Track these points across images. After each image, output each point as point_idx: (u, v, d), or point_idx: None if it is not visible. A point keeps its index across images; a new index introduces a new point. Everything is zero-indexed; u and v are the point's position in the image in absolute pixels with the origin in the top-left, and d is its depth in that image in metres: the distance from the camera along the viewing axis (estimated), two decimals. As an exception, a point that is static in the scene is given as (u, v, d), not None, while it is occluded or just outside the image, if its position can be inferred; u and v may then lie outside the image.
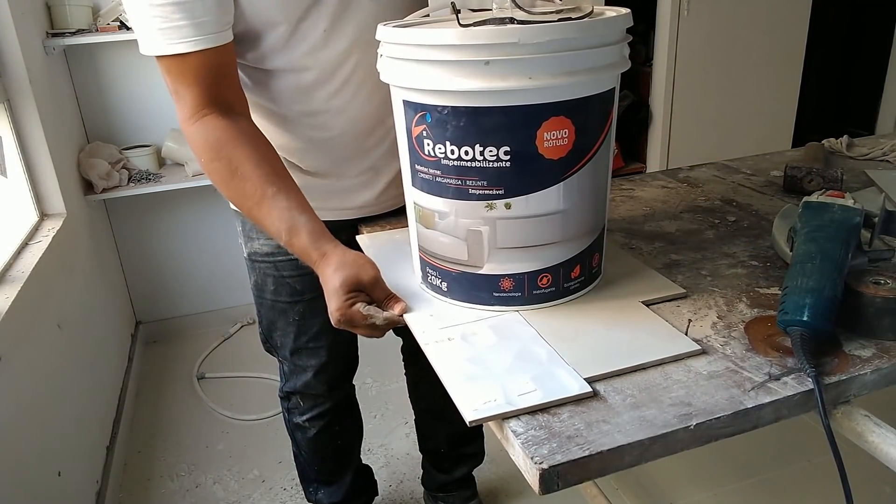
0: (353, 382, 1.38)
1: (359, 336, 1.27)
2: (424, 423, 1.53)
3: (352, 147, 1.04)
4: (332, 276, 0.81)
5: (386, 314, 0.80)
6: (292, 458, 1.47)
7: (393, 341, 1.41)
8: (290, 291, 1.16)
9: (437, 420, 1.49)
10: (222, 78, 0.88)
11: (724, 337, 0.71)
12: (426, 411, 1.51)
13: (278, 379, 1.32)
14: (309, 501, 1.49)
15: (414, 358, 1.44)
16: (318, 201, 1.04)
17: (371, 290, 0.82)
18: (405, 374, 1.50)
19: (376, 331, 0.81)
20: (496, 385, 0.64)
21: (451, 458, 1.54)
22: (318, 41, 0.93)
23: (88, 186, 2.10)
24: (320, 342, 1.21)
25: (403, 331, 1.37)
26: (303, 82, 0.96)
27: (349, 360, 1.31)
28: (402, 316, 0.80)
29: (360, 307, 0.79)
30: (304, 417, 1.31)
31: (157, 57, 0.85)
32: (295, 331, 1.20)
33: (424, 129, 0.72)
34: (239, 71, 0.94)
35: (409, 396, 1.53)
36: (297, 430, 1.36)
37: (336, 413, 1.33)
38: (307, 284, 1.14)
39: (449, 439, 1.50)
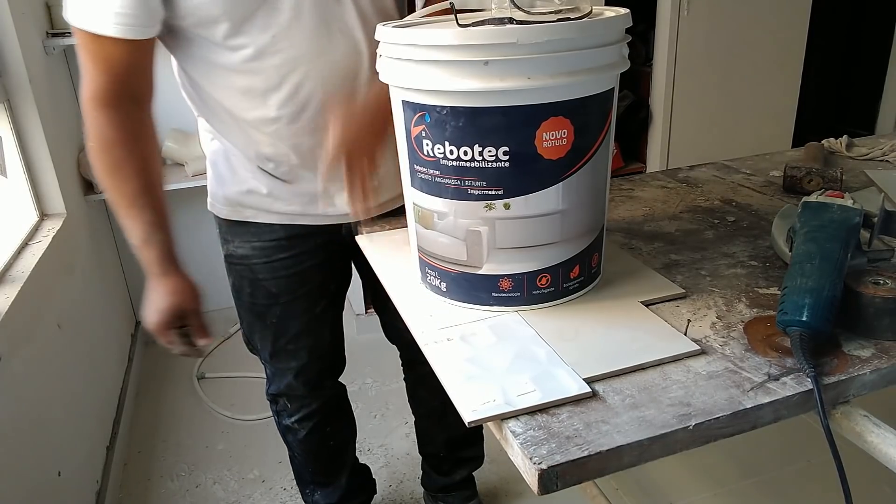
0: (344, 383, 1.38)
1: (345, 338, 1.29)
2: (423, 427, 1.53)
3: (311, 156, 1.01)
4: (162, 298, 0.97)
5: (179, 350, 1.01)
6: (290, 460, 1.48)
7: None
8: (265, 294, 1.16)
9: (435, 425, 1.49)
10: (135, 71, 0.90)
11: (723, 337, 0.71)
12: (425, 416, 1.51)
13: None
14: (306, 503, 1.49)
15: (411, 365, 1.44)
16: (286, 204, 1.06)
17: (189, 318, 0.99)
18: (404, 379, 1.50)
19: (174, 352, 1.02)
20: (495, 385, 0.64)
21: (450, 462, 1.54)
22: (264, 47, 0.90)
23: (88, 186, 2.10)
24: (299, 343, 1.21)
25: (399, 339, 1.38)
26: (255, 87, 0.94)
27: (332, 361, 1.30)
28: (200, 348, 1.02)
29: (171, 334, 0.99)
30: (293, 419, 1.31)
31: (76, 28, 0.87)
32: (273, 333, 1.19)
33: (423, 130, 0.72)
34: (211, 72, 0.94)
35: (409, 401, 1.53)
36: (287, 433, 1.35)
37: (325, 414, 1.32)
38: (283, 287, 1.14)
39: (448, 443, 1.50)
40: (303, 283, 1.15)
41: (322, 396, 1.31)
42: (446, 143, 0.71)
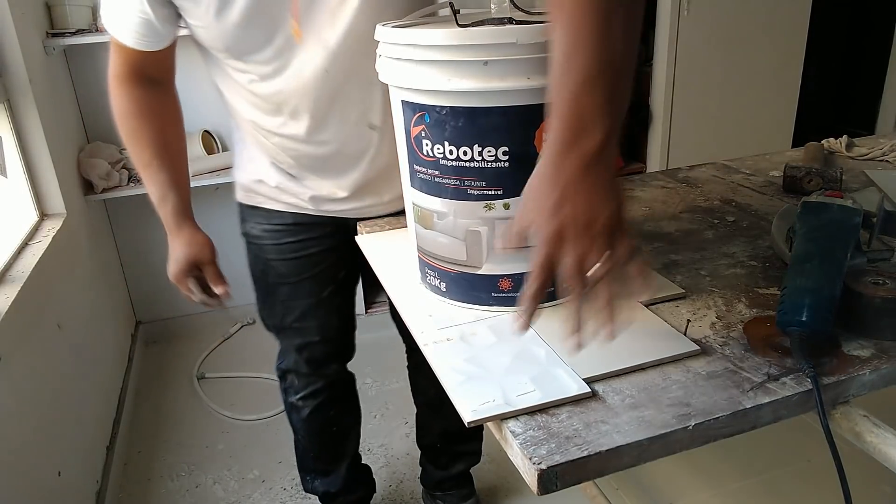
0: (353, 372, 1.39)
1: (356, 328, 1.35)
2: (423, 416, 1.54)
3: (319, 167, 1.06)
4: (179, 250, 1.11)
5: (198, 298, 1.14)
6: (292, 458, 1.48)
7: (391, 342, 1.41)
8: (275, 274, 1.21)
9: (434, 414, 1.50)
10: (152, 63, 1.02)
11: (722, 337, 0.71)
12: (424, 405, 1.52)
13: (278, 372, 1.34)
14: (306, 491, 1.50)
15: (412, 350, 1.45)
16: (292, 197, 1.11)
17: (203, 268, 1.13)
18: (407, 366, 1.51)
19: (194, 300, 1.15)
20: (495, 385, 0.64)
21: (447, 455, 1.55)
22: (266, 75, 0.95)
23: (88, 186, 2.10)
24: (305, 323, 1.25)
25: (402, 323, 1.39)
26: (262, 105, 1.01)
27: (338, 346, 1.33)
28: (219, 297, 1.14)
29: (189, 282, 1.13)
30: (298, 396, 1.35)
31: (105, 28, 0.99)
32: (282, 310, 1.24)
33: (423, 130, 0.72)
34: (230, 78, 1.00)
35: (410, 390, 1.54)
36: (292, 411, 1.38)
37: (329, 396, 1.35)
38: (291, 269, 1.19)
39: (444, 435, 1.51)
40: (310, 267, 1.20)
41: (327, 377, 1.33)
42: (446, 143, 0.71)
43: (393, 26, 0.75)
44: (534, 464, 0.54)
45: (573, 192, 0.56)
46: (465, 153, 0.70)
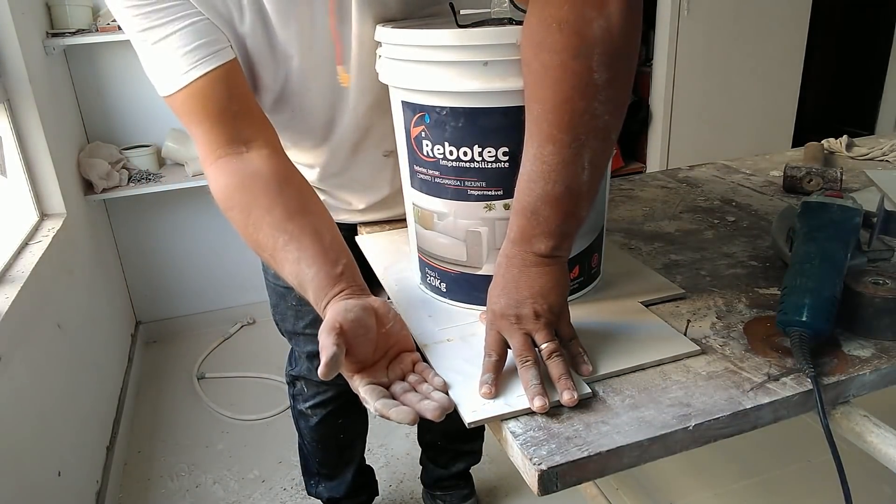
0: None
1: None
2: None
3: (332, 184, 1.04)
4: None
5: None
6: (292, 458, 1.48)
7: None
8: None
9: None
10: (232, 104, 0.80)
11: (723, 337, 0.71)
12: None
13: (279, 378, 1.33)
14: (309, 494, 1.50)
15: (417, 346, 1.45)
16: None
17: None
18: None
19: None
20: (495, 386, 0.64)
21: (447, 453, 1.55)
22: (279, 96, 0.91)
23: (88, 186, 2.10)
24: (316, 329, 1.22)
25: None
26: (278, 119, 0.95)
27: None
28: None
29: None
30: (308, 404, 1.34)
31: (168, 98, 0.80)
32: (294, 315, 1.23)
33: (423, 130, 0.72)
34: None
35: None
36: (301, 418, 1.38)
37: (339, 405, 1.34)
38: None
39: (445, 433, 1.51)
40: None
41: (338, 386, 1.33)
42: (446, 144, 0.71)
43: (393, 27, 0.75)
44: (534, 464, 0.54)
45: (522, 282, 0.65)
46: (465, 153, 0.70)
